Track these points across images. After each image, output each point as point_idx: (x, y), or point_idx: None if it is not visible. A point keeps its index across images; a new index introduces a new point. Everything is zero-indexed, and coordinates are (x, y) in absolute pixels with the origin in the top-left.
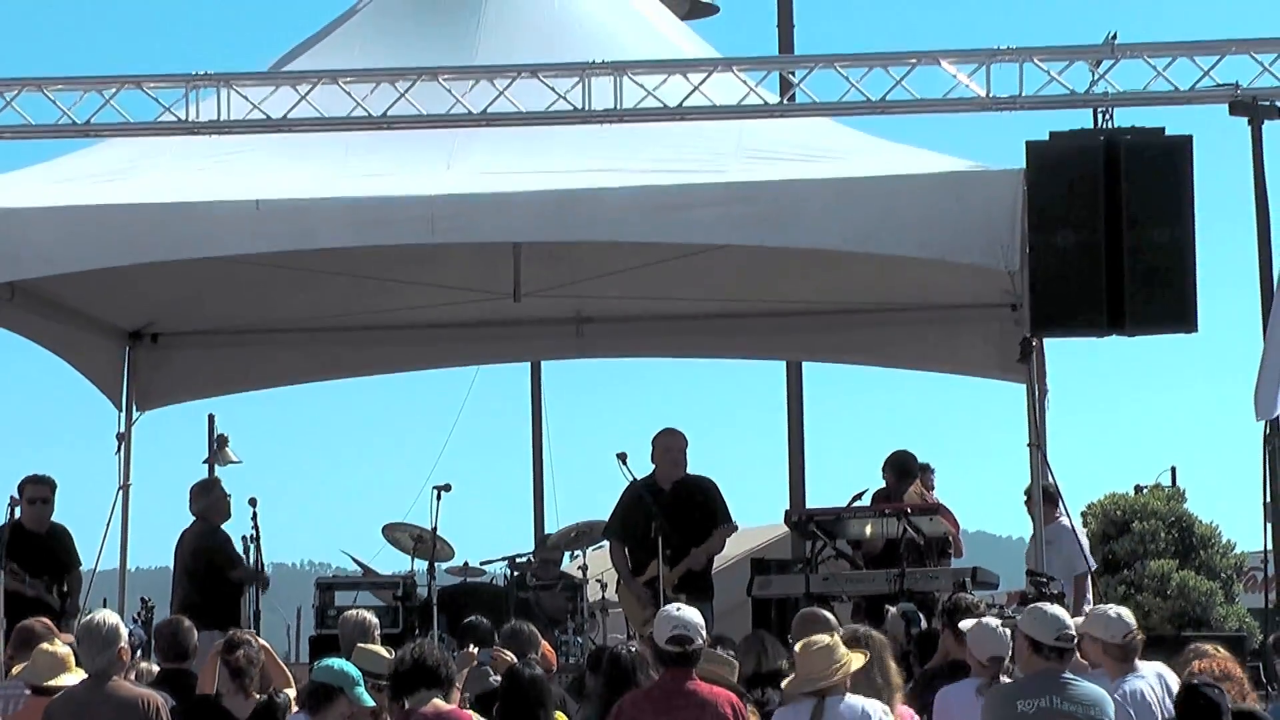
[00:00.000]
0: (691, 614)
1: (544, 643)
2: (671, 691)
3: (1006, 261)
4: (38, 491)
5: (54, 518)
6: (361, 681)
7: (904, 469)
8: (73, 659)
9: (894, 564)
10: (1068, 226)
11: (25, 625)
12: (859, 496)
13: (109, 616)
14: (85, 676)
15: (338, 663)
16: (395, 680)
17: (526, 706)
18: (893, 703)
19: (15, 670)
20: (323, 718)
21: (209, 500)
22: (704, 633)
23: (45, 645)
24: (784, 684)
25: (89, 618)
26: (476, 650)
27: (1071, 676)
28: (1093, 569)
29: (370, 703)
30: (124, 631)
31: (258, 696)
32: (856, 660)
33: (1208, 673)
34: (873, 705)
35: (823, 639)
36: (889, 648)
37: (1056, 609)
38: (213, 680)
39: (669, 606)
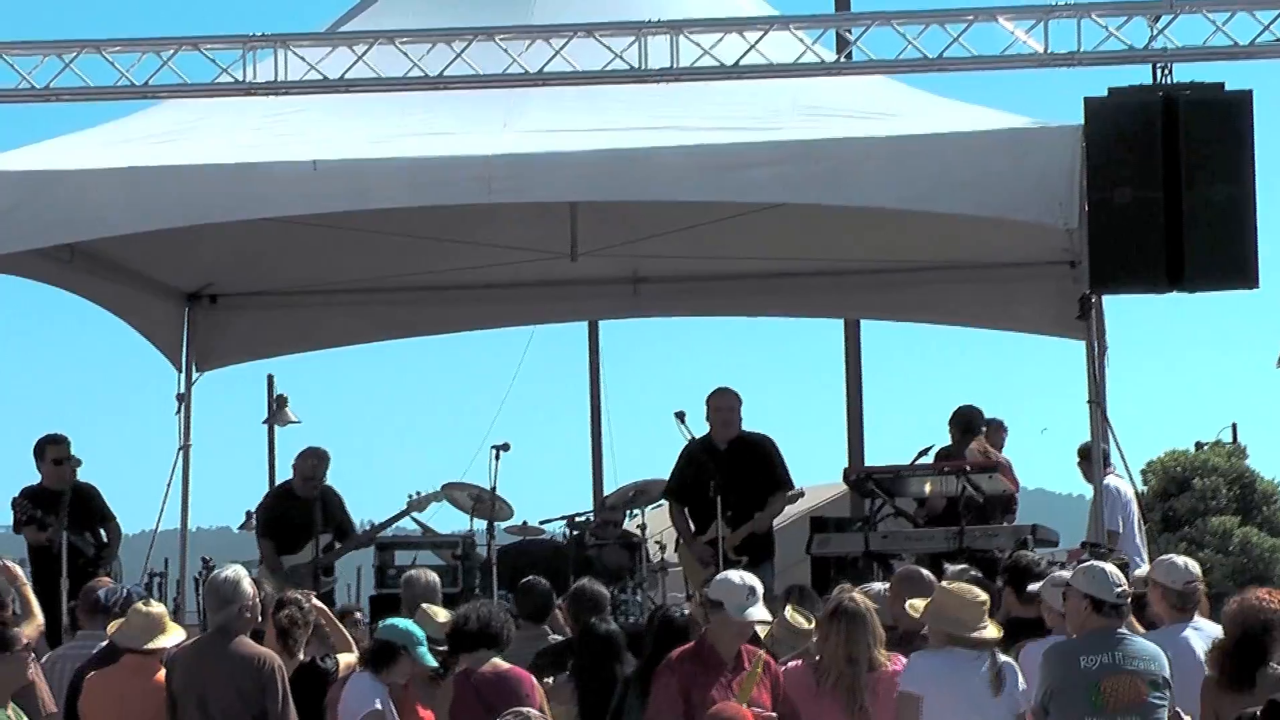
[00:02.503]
0: (751, 580)
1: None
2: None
3: (1065, 219)
4: (60, 451)
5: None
6: (424, 641)
7: (968, 425)
8: (167, 618)
9: (956, 522)
10: (1126, 183)
11: (96, 588)
12: (924, 453)
13: (231, 574)
14: (204, 632)
15: (403, 622)
16: (454, 639)
17: (602, 661)
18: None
19: (111, 629)
20: (386, 676)
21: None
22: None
23: (139, 605)
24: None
25: (215, 574)
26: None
27: (1127, 633)
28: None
29: (433, 663)
30: (249, 589)
31: (301, 659)
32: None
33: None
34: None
35: (976, 593)
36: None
37: (1111, 567)
38: (270, 641)
39: (730, 571)
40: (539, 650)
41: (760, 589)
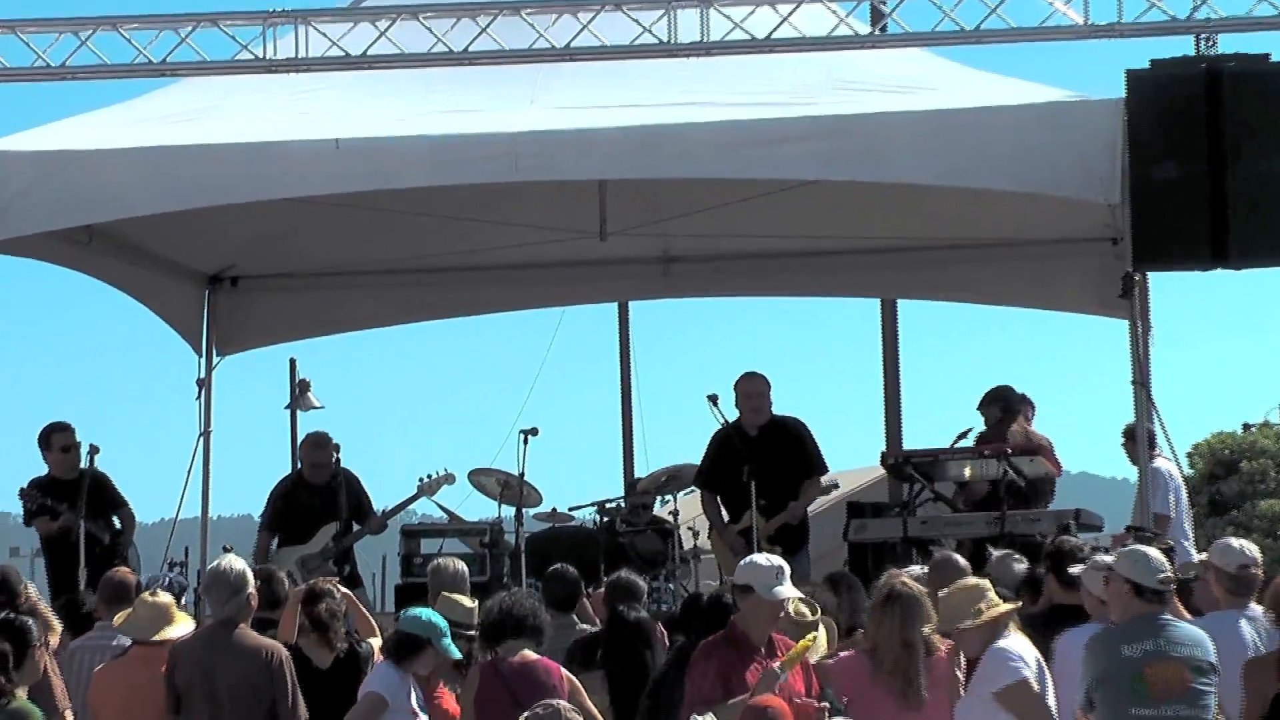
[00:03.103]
0: (777, 560)
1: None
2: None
3: (1106, 194)
4: (67, 438)
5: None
6: (449, 632)
7: (1007, 405)
8: (175, 608)
9: (997, 507)
10: (1169, 157)
11: (115, 578)
12: (963, 435)
13: (236, 562)
14: (208, 622)
15: (425, 613)
16: (485, 629)
17: (631, 649)
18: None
19: (117, 621)
20: (409, 668)
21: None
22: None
23: (146, 596)
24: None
25: (217, 563)
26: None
27: (1170, 618)
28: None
29: (457, 654)
30: (251, 579)
31: (341, 648)
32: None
33: None
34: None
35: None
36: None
37: (1154, 551)
38: (292, 628)
39: (755, 554)
40: (572, 641)
41: (788, 569)
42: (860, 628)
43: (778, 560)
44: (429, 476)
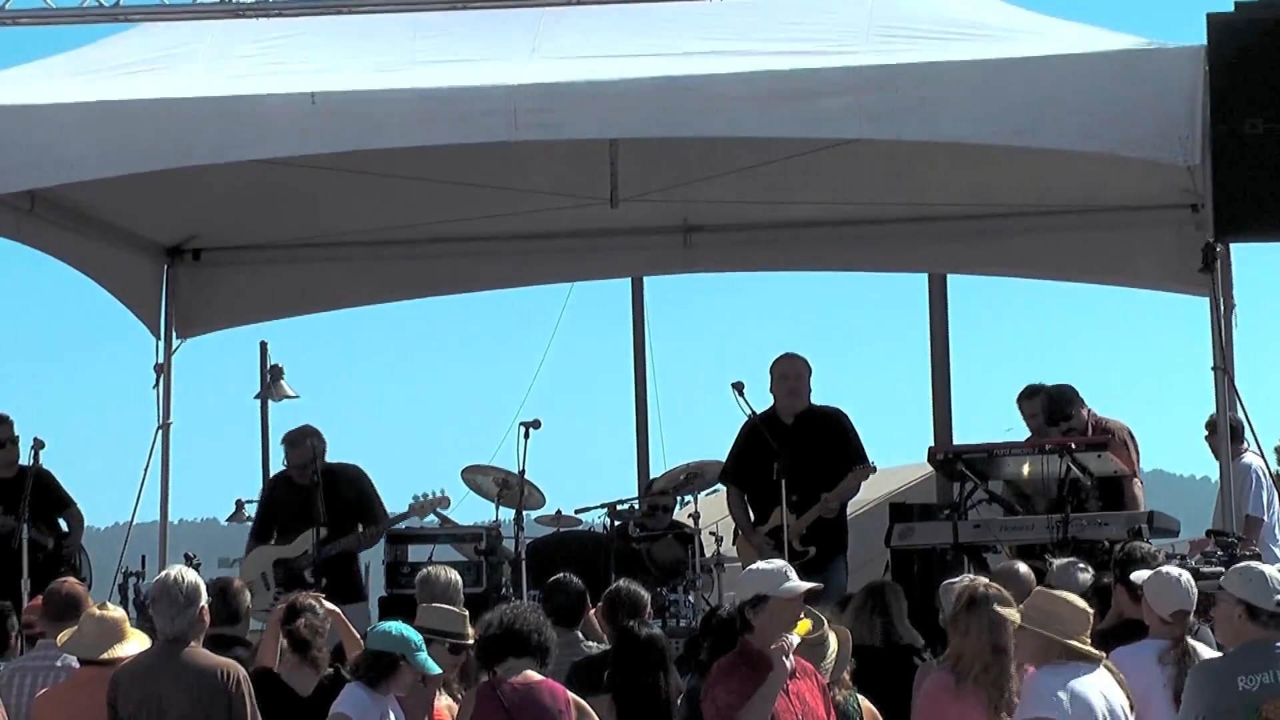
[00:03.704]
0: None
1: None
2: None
3: (1185, 155)
4: (5, 431)
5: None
6: (423, 646)
7: (1054, 409)
8: (127, 624)
9: (1059, 509)
10: (1257, 113)
11: (62, 589)
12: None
13: (187, 573)
14: (156, 640)
15: (395, 626)
16: (482, 647)
17: (643, 670)
18: None
19: (61, 639)
20: (385, 690)
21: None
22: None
23: (93, 610)
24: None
25: (165, 574)
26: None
27: None
28: (1265, 519)
29: (436, 669)
30: (204, 591)
31: (326, 672)
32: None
33: None
34: None
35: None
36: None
37: (1272, 570)
38: (274, 651)
39: (753, 565)
40: (576, 661)
41: (790, 567)
42: (900, 639)
43: (776, 560)
44: (422, 496)
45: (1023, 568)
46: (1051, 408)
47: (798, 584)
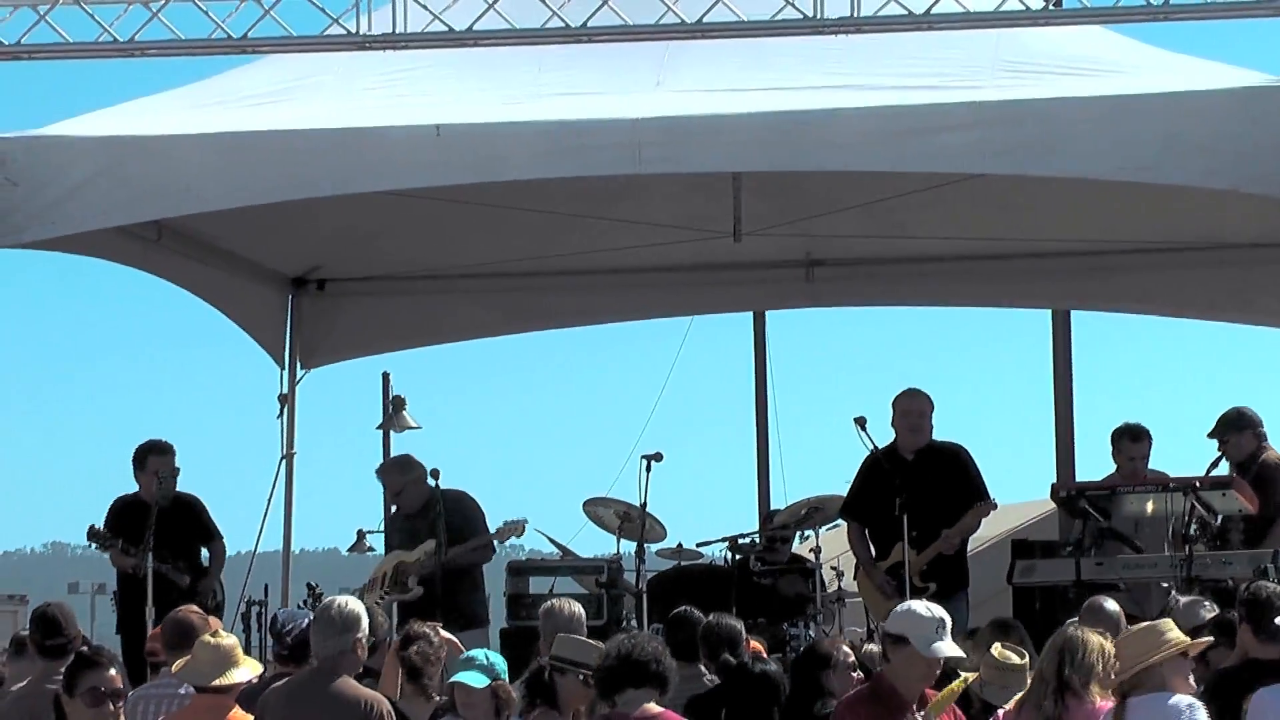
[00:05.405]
0: (939, 610)
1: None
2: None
3: None
4: (162, 463)
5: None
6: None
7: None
8: (239, 649)
9: (1183, 547)
10: None
11: (177, 617)
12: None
13: (351, 601)
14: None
15: (480, 653)
16: (601, 678)
17: (759, 707)
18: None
19: (176, 667)
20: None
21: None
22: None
23: (206, 638)
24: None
25: (328, 601)
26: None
27: None
28: None
29: (480, 683)
30: (365, 621)
31: (438, 699)
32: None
33: None
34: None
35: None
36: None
37: None
38: (395, 680)
39: (913, 601)
40: (692, 695)
41: (949, 621)
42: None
43: (939, 611)
44: (505, 523)
45: (1110, 604)
46: (1222, 423)
47: (944, 647)
